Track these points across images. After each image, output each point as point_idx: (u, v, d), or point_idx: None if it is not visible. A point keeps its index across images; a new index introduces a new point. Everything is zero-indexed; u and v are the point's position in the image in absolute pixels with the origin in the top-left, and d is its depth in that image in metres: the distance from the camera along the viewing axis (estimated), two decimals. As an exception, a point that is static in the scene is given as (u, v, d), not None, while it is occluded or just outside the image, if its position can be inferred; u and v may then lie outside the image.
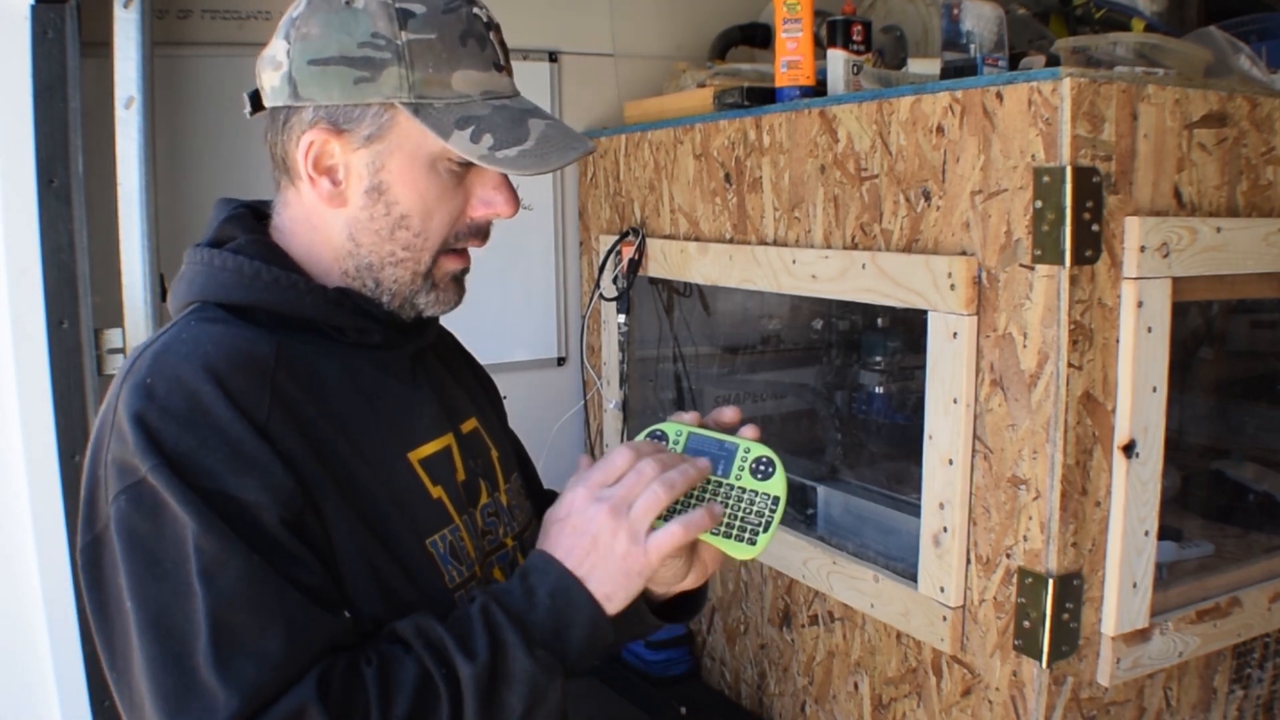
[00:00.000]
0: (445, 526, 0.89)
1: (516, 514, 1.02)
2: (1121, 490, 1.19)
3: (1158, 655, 1.26)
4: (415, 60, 0.81)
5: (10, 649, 1.51)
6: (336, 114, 0.82)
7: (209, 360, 0.77)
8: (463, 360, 1.12)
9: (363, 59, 0.81)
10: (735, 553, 0.83)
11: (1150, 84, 1.17)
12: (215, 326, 0.82)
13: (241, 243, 0.87)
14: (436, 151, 0.84)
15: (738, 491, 0.85)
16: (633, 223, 1.96)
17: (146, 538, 0.72)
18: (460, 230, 0.89)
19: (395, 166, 0.84)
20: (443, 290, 0.90)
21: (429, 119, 0.82)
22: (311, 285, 0.86)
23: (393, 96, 0.81)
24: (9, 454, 1.46)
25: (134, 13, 1.50)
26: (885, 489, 1.63)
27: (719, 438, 0.87)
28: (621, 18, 2.21)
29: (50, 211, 1.44)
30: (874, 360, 1.76)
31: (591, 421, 2.20)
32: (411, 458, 0.88)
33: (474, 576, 0.90)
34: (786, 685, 1.66)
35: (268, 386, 0.79)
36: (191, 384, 0.75)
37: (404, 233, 0.86)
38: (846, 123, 1.42)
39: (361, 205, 0.85)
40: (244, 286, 0.85)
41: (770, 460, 0.85)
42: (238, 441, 0.74)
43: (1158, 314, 1.18)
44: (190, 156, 1.78)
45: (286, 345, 0.83)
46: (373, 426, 0.86)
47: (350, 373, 0.87)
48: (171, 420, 0.74)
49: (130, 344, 1.53)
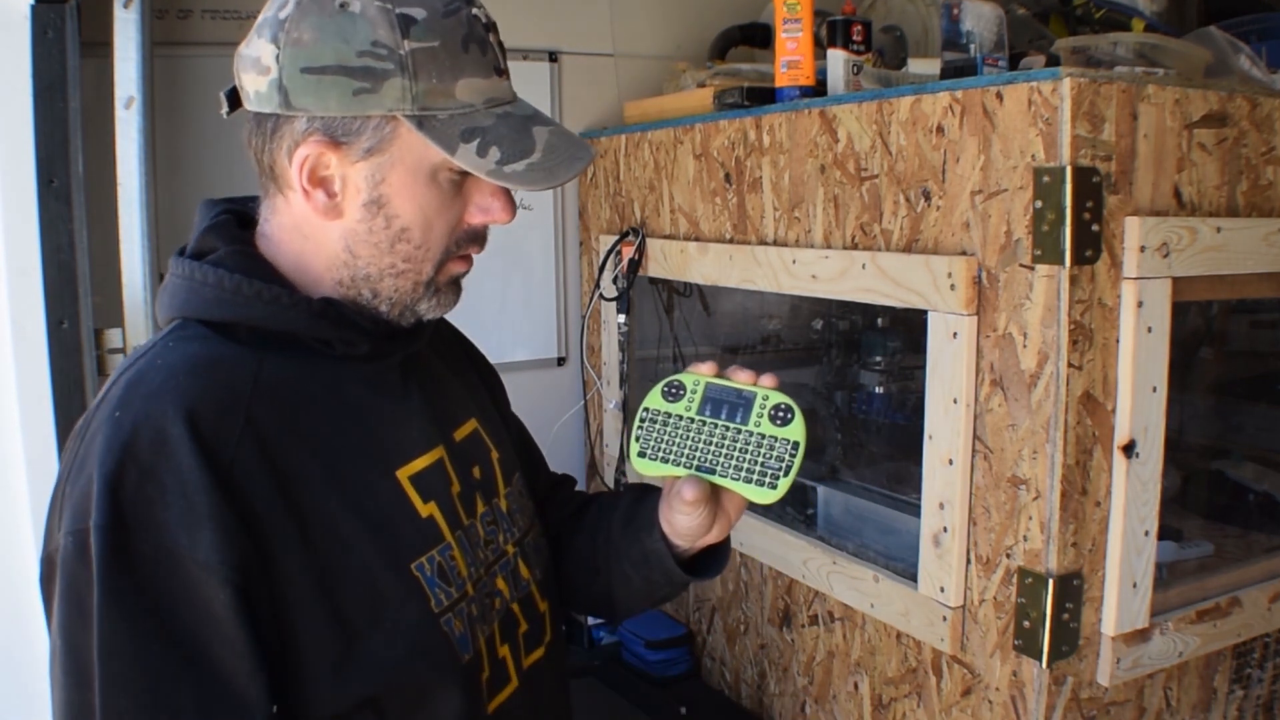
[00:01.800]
0: (435, 546, 0.86)
1: (517, 519, 1.00)
2: (1121, 490, 1.19)
3: (1158, 655, 1.26)
4: (419, 70, 0.78)
5: (10, 649, 1.51)
6: (334, 126, 0.79)
7: (181, 394, 0.75)
8: (461, 350, 1.09)
9: (363, 69, 0.77)
10: (756, 497, 0.86)
11: (1150, 84, 1.17)
12: (193, 347, 0.80)
13: (222, 254, 0.83)
14: (438, 163, 0.81)
15: (757, 437, 0.87)
16: (633, 223, 1.96)
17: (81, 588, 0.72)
18: (460, 237, 0.87)
19: (396, 179, 0.81)
20: (443, 293, 0.89)
21: (434, 133, 0.79)
22: (296, 299, 0.83)
23: (395, 109, 0.78)
24: (9, 454, 1.46)
25: (134, 13, 1.50)
26: (885, 489, 1.63)
27: (737, 386, 0.89)
28: (621, 18, 2.21)
29: (50, 211, 1.43)
30: (874, 360, 1.76)
31: (591, 421, 2.19)
32: (400, 475, 0.86)
33: (465, 596, 0.87)
34: (786, 685, 1.66)
35: (240, 418, 0.76)
36: (159, 422, 0.73)
37: (405, 245, 0.83)
38: (846, 123, 1.42)
39: (360, 218, 0.82)
40: (225, 302, 0.82)
41: (789, 407, 0.87)
42: (195, 494, 0.72)
43: (1158, 314, 1.18)
44: (190, 156, 1.78)
45: (268, 366, 0.80)
46: (354, 447, 0.84)
47: (335, 391, 0.84)
48: (134, 466, 0.72)
49: (130, 344, 1.53)
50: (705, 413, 0.89)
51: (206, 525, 0.72)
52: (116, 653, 0.70)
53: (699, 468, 0.88)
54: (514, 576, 0.96)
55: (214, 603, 0.72)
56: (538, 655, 0.97)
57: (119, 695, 0.70)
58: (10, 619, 1.50)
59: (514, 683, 0.93)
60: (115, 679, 0.70)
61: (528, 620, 0.97)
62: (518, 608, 0.96)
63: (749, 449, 0.86)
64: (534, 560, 1.01)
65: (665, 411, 0.90)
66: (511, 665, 0.93)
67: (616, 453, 2.04)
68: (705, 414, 0.89)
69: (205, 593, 0.71)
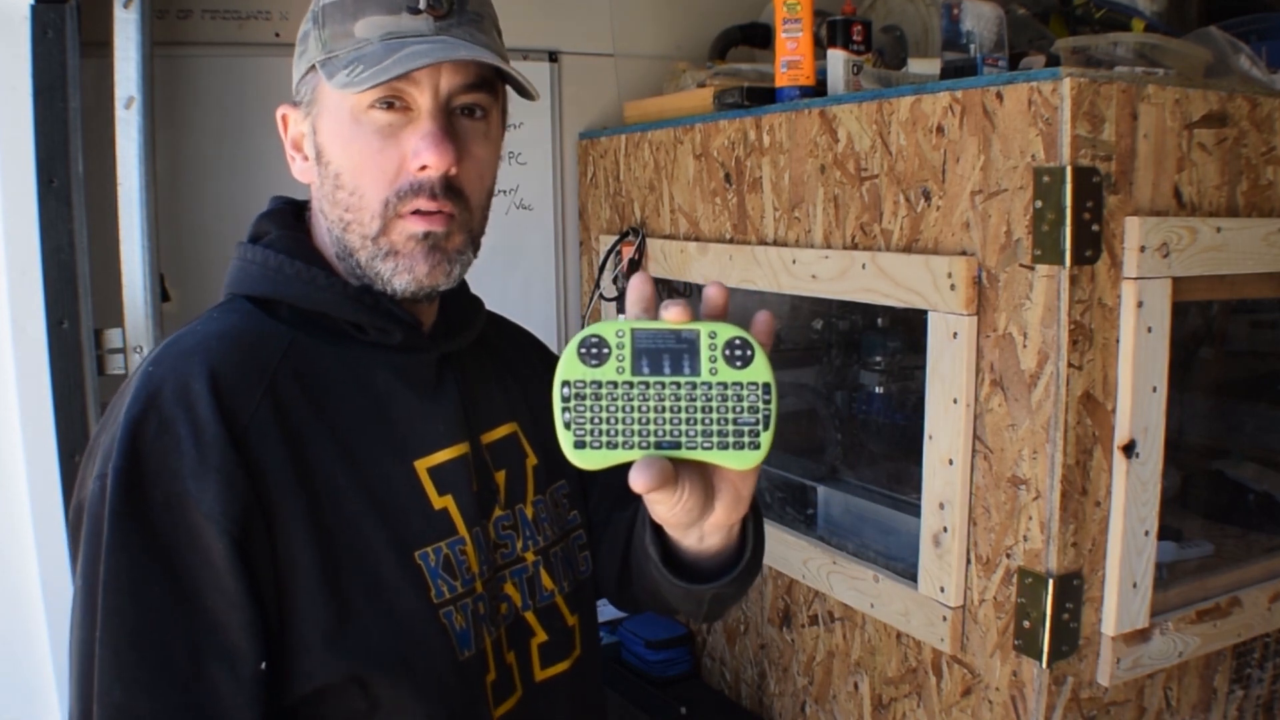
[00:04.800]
0: (445, 539, 0.86)
1: (544, 527, 0.97)
2: (1121, 490, 1.19)
3: (1158, 655, 1.26)
4: (326, 20, 0.84)
5: (10, 649, 1.51)
6: (294, 90, 0.88)
7: (209, 353, 0.80)
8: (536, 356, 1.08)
9: (302, 34, 0.87)
10: (739, 463, 0.68)
11: (1150, 84, 1.17)
12: (232, 319, 0.84)
13: (273, 237, 0.89)
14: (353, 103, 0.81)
15: (718, 389, 0.68)
16: (633, 223, 1.96)
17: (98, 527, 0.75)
18: (401, 188, 0.82)
19: (325, 127, 0.85)
20: (405, 256, 0.83)
21: (328, 70, 0.82)
22: (331, 280, 0.86)
23: (314, 59, 0.84)
24: (9, 454, 1.46)
25: (134, 13, 1.50)
26: (885, 489, 1.63)
27: (673, 328, 0.68)
28: (621, 18, 2.21)
29: (50, 211, 1.43)
30: (874, 360, 1.76)
31: (591, 421, 2.19)
32: (419, 465, 0.87)
33: (472, 592, 0.87)
34: (786, 685, 1.66)
35: (262, 385, 0.80)
36: (185, 378, 0.78)
37: (341, 193, 0.84)
38: (846, 123, 1.42)
39: (316, 174, 0.87)
40: (268, 280, 0.87)
41: (744, 340, 0.68)
42: (208, 445, 0.75)
43: (1158, 314, 1.18)
44: (190, 156, 1.78)
45: (300, 342, 0.84)
46: (373, 432, 0.85)
47: (361, 375, 0.86)
48: (155, 415, 0.76)
49: (130, 344, 1.54)
50: (643, 370, 0.67)
51: (213, 476, 0.75)
52: (118, 588, 0.73)
53: (658, 445, 0.68)
54: (530, 585, 0.95)
55: (213, 551, 0.74)
56: (560, 669, 0.95)
57: (116, 628, 0.73)
58: (11, 619, 1.50)
59: (519, 692, 0.92)
60: (114, 612, 0.73)
61: (548, 632, 0.95)
62: (533, 617, 0.94)
63: (711, 405, 0.67)
64: (562, 572, 0.98)
65: (590, 380, 0.68)
66: (518, 674, 0.92)
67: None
68: (644, 372, 0.67)
69: (206, 541, 0.74)
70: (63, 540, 1.47)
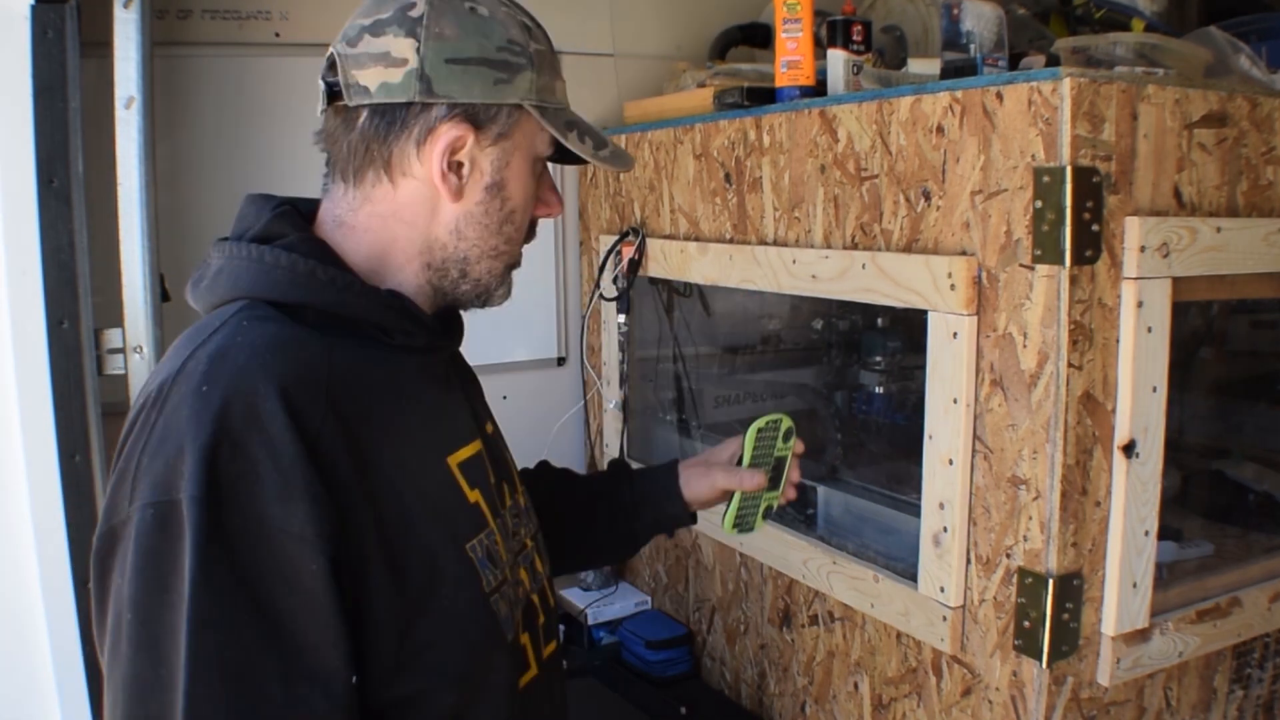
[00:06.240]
0: (482, 531, 0.90)
1: (532, 514, 1.05)
2: (1121, 490, 1.19)
3: (1158, 655, 1.26)
4: (541, 67, 0.90)
5: (10, 649, 1.51)
6: (476, 111, 0.87)
7: (269, 369, 0.77)
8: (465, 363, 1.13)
9: (501, 62, 0.87)
10: None
11: (1150, 84, 1.17)
12: (270, 327, 0.81)
13: (293, 240, 0.87)
14: (540, 153, 0.93)
15: None
16: (633, 223, 1.96)
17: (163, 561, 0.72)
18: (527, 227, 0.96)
19: (514, 165, 0.90)
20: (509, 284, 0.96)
21: (551, 121, 0.90)
22: (366, 287, 0.87)
23: (524, 99, 0.89)
24: (9, 454, 1.46)
25: (134, 13, 1.50)
26: (885, 489, 1.63)
27: None
28: (621, 18, 2.21)
29: (50, 211, 1.43)
30: (874, 360, 1.76)
31: (591, 422, 2.20)
32: (450, 462, 0.90)
33: (505, 580, 0.91)
34: (786, 685, 1.66)
35: (324, 397, 0.79)
36: (250, 397, 0.75)
37: (509, 227, 0.92)
38: (846, 123, 1.42)
39: (478, 200, 0.90)
40: (297, 285, 0.84)
41: None
42: (289, 467, 0.74)
43: (1158, 314, 1.18)
44: (190, 156, 1.78)
45: (337, 349, 0.83)
46: (414, 432, 0.87)
47: (395, 378, 0.88)
48: (226, 440, 0.73)
49: (130, 344, 1.53)
50: None
51: (301, 498, 0.74)
52: (209, 624, 0.71)
53: None
54: (532, 569, 1.01)
55: (303, 573, 0.73)
56: (553, 648, 1.03)
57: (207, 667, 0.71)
58: (11, 619, 1.50)
59: (533, 670, 0.96)
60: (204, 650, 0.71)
61: (544, 613, 1.01)
62: (536, 599, 1.00)
63: None
64: (544, 556, 1.06)
65: None
66: (531, 653, 0.97)
67: (616, 452, 2.04)
68: None
69: (296, 564, 0.73)
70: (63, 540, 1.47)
